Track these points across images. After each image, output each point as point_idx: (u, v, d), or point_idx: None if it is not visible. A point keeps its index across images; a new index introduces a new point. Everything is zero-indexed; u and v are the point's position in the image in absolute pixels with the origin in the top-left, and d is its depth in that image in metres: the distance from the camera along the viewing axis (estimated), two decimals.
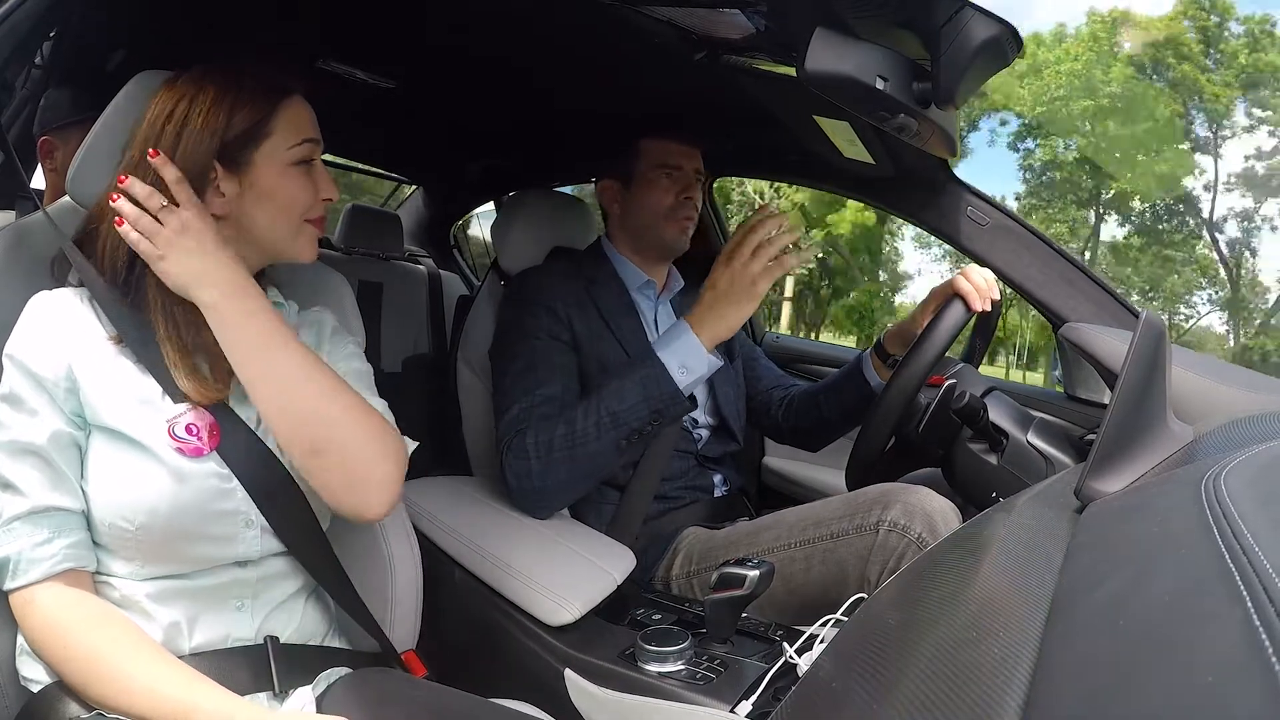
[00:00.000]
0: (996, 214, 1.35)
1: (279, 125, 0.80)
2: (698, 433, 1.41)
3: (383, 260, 2.32)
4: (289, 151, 0.81)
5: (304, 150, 0.82)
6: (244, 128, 0.79)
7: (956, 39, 0.77)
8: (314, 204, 0.84)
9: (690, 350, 1.10)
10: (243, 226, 0.81)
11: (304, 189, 0.82)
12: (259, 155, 0.80)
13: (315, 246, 0.87)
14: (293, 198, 0.82)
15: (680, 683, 0.90)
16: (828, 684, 0.50)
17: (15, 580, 0.69)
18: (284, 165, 0.81)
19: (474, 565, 1.10)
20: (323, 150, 0.85)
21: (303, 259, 0.86)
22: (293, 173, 0.82)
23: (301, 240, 0.84)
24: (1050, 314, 1.32)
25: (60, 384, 0.72)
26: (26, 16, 0.81)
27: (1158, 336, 0.75)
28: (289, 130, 0.81)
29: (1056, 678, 0.34)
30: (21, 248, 0.83)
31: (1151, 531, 0.46)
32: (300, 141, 0.82)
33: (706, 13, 1.01)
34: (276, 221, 0.82)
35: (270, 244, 0.83)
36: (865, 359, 1.41)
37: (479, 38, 1.30)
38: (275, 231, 0.82)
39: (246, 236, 0.82)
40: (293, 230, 0.83)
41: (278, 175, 0.81)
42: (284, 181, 0.81)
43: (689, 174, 1.38)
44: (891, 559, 1.07)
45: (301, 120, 0.82)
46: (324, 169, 0.86)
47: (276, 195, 0.81)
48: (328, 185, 0.85)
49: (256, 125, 0.79)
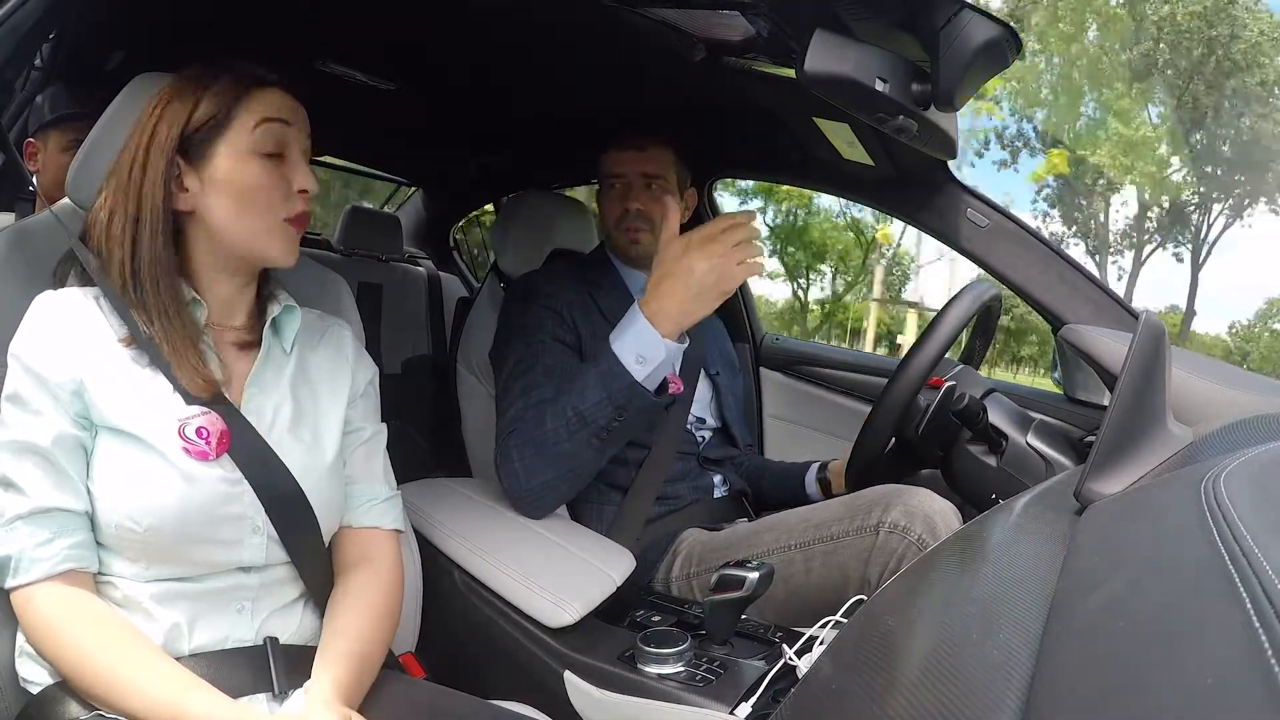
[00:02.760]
0: (996, 215, 1.35)
1: (242, 113, 0.77)
2: (701, 434, 1.41)
3: (382, 262, 2.33)
4: (249, 136, 0.77)
5: (265, 132, 0.77)
6: (205, 119, 0.77)
7: (956, 40, 0.77)
8: (287, 197, 0.79)
9: (644, 339, 1.05)
10: (209, 224, 0.79)
11: (267, 177, 0.78)
12: (221, 145, 0.77)
13: (292, 249, 0.82)
14: (252, 187, 0.77)
15: (680, 684, 0.90)
16: (827, 686, 0.50)
17: (16, 579, 0.69)
18: (243, 153, 0.77)
19: (473, 567, 1.10)
20: (308, 142, 0.82)
21: (279, 263, 0.82)
22: (253, 161, 0.77)
23: (274, 240, 0.80)
24: (1050, 315, 1.32)
25: (65, 385, 0.71)
26: (26, 16, 0.81)
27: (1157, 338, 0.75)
28: (251, 115, 0.77)
29: (1056, 679, 0.34)
30: (21, 249, 0.83)
31: (1151, 533, 0.46)
32: (260, 121, 0.77)
33: (706, 14, 1.01)
34: (240, 217, 0.78)
35: (239, 243, 0.79)
36: (810, 474, 1.45)
37: (479, 40, 1.30)
38: (239, 228, 0.78)
39: (215, 235, 0.79)
40: (261, 229, 0.79)
41: (236, 163, 0.77)
42: (242, 169, 0.77)
43: (632, 180, 1.35)
44: (891, 560, 1.07)
45: (266, 105, 0.78)
46: (302, 160, 0.81)
47: (233, 184, 0.77)
48: (303, 176, 0.80)
49: (218, 115, 0.77)
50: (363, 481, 0.89)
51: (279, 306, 0.85)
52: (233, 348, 0.82)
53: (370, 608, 0.83)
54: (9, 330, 0.74)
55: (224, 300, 0.82)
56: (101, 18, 1.28)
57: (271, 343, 0.84)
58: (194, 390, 0.75)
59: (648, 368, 1.06)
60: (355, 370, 0.90)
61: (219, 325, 0.82)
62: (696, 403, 1.39)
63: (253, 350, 0.83)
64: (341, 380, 0.89)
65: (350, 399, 0.89)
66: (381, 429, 0.93)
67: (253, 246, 0.80)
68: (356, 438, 0.89)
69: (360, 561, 0.86)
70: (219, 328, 0.82)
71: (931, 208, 1.40)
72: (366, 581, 0.85)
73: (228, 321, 0.83)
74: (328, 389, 0.87)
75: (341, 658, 0.77)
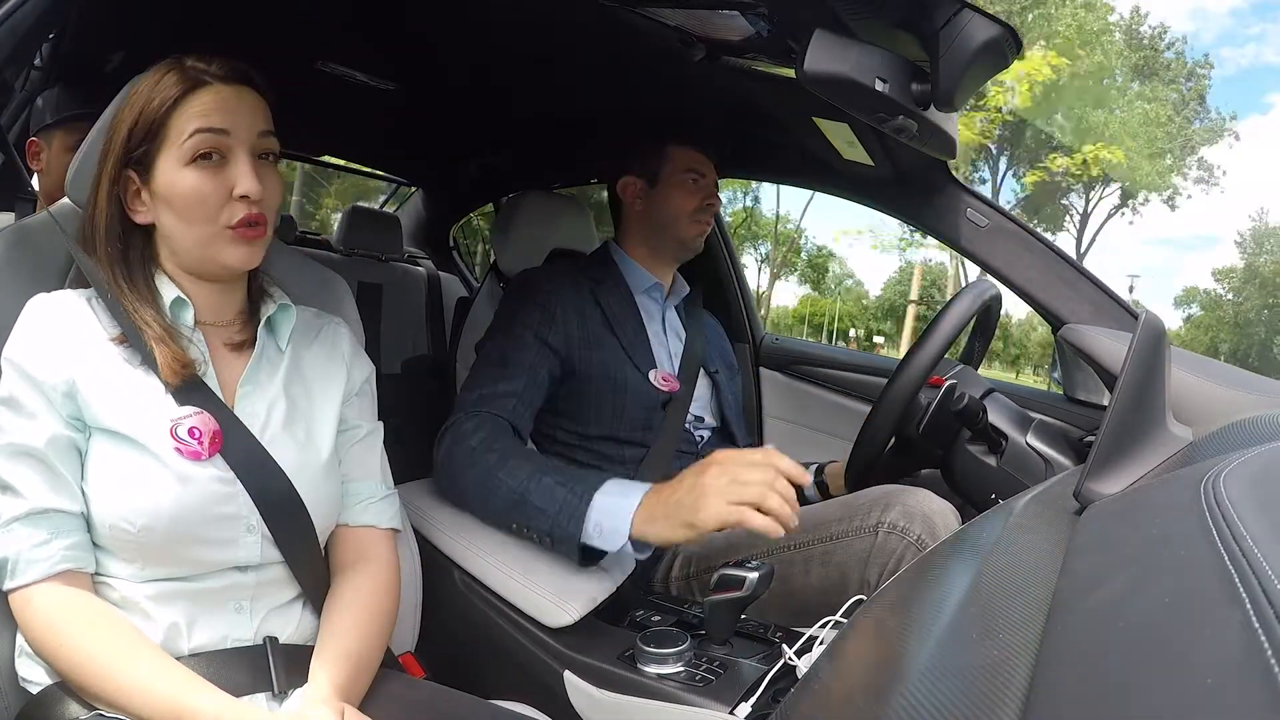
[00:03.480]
0: (995, 215, 1.35)
1: (175, 123, 0.75)
2: (700, 433, 1.41)
3: (382, 262, 2.33)
4: (182, 147, 0.74)
5: (196, 142, 0.74)
6: (144, 132, 0.75)
7: (955, 41, 0.77)
8: (225, 205, 0.75)
9: (618, 521, 0.96)
10: (165, 235, 0.78)
11: (204, 189, 0.74)
12: (160, 158, 0.75)
13: (249, 255, 0.78)
14: (190, 199, 0.74)
15: (679, 684, 0.90)
16: (827, 686, 0.50)
17: (14, 580, 0.69)
18: (179, 165, 0.75)
19: (473, 566, 1.10)
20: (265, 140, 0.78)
21: (239, 269, 0.79)
22: (189, 173, 0.74)
23: (225, 248, 0.77)
24: (1049, 315, 1.32)
25: (58, 388, 0.71)
26: (26, 16, 0.81)
27: (1157, 338, 0.75)
28: (184, 125, 0.74)
29: (1055, 680, 0.34)
30: (21, 249, 0.83)
31: (1150, 533, 0.46)
32: (191, 133, 0.74)
33: (705, 14, 1.01)
34: (187, 230, 0.76)
35: (194, 253, 0.77)
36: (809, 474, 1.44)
37: (479, 40, 1.31)
38: (187, 240, 0.76)
39: (172, 246, 0.78)
40: (207, 237, 0.76)
41: (173, 176, 0.75)
42: (179, 182, 0.74)
43: (711, 182, 1.42)
44: (891, 560, 1.07)
45: (198, 110, 0.74)
46: (246, 162, 0.76)
47: (173, 199, 0.75)
48: (244, 179, 0.75)
49: (153, 127, 0.75)
50: (359, 480, 0.89)
51: (274, 305, 0.85)
52: (226, 348, 0.82)
53: (366, 607, 0.82)
54: (8, 330, 0.74)
55: (209, 300, 0.82)
56: (101, 18, 1.28)
57: (266, 341, 0.84)
58: (169, 377, 0.74)
59: (596, 540, 0.98)
60: (351, 368, 0.90)
61: (210, 325, 0.82)
62: (696, 401, 1.40)
63: (247, 350, 0.83)
64: (337, 378, 0.88)
65: (345, 397, 0.89)
66: (378, 427, 0.93)
67: (206, 256, 0.78)
68: (352, 436, 0.89)
69: (356, 561, 0.86)
70: (210, 327, 0.82)
71: (931, 207, 1.40)
72: (363, 581, 0.85)
73: (219, 321, 0.83)
74: (322, 387, 0.87)
75: (338, 658, 0.77)
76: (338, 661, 0.76)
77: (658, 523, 0.94)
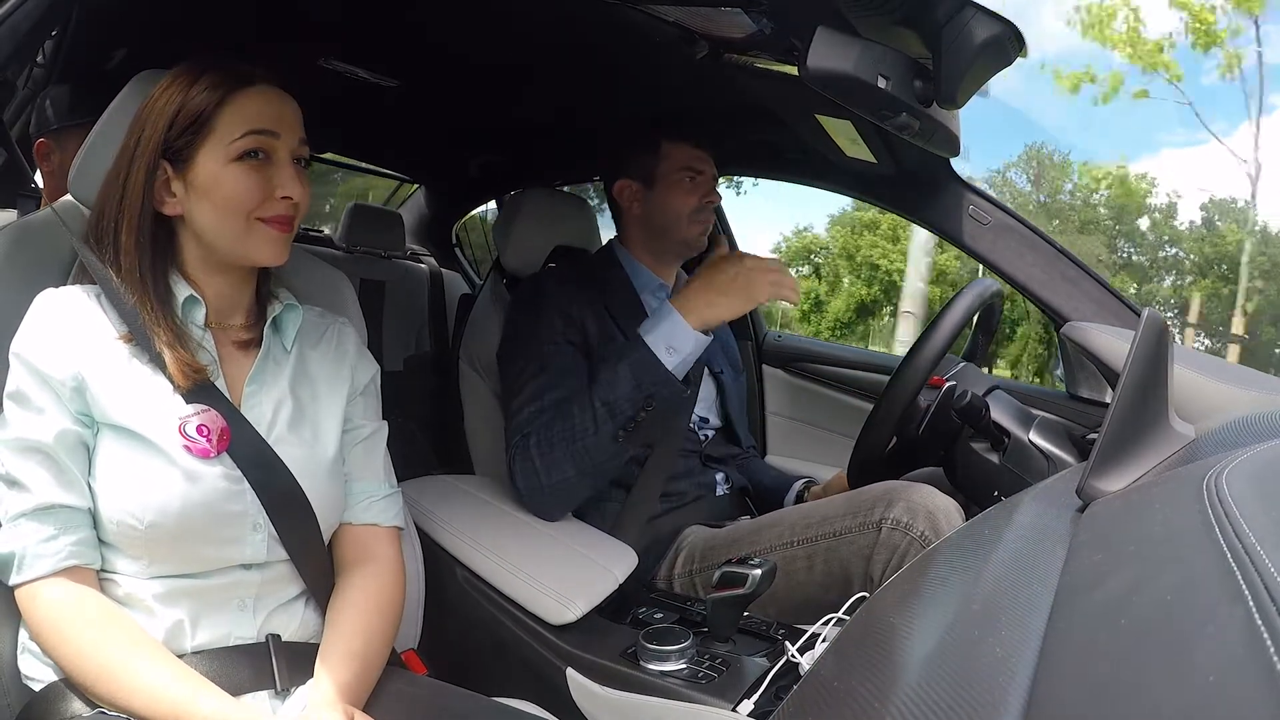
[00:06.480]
0: (998, 213, 1.35)
1: (224, 118, 0.76)
2: (704, 432, 1.41)
3: (385, 259, 2.33)
4: (230, 145, 0.76)
5: (246, 143, 0.77)
6: (187, 124, 0.76)
7: (958, 38, 0.77)
8: (265, 202, 0.78)
9: (676, 331, 1.11)
10: (195, 228, 0.79)
11: (248, 185, 0.77)
12: (203, 151, 0.76)
13: (279, 249, 0.80)
14: (232, 196, 0.77)
15: (682, 681, 0.90)
16: (830, 683, 0.50)
17: (20, 575, 0.70)
18: (225, 161, 0.76)
19: (476, 564, 1.10)
20: (302, 145, 0.81)
21: (268, 264, 0.81)
22: (234, 169, 0.77)
23: (254, 241, 0.79)
24: (1052, 313, 1.32)
25: (66, 383, 0.72)
26: (26, 16, 0.81)
27: (1159, 335, 0.75)
28: (234, 122, 0.76)
29: (1058, 676, 0.34)
30: (24, 246, 0.83)
31: (1153, 530, 0.46)
32: (243, 134, 0.76)
33: (708, 12, 1.01)
34: (221, 223, 0.77)
35: (224, 247, 0.79)
36: (794, 489, 1.47)
37: (481, 37, 1.30)
38: (222, 233, 0.78)
39: (202, 239, 0.79)
40: (240, 231, 0.78)
41: (217, 171, 0.76)
42: (223, 178, 0.76)
43: (709, 178, 1.40)
44: (894, 557, 1.07)
45: (250, 111, 0.77)
46: (290, 166, 0.79)
47: (213, 193, 0.77)
48: (289, 183, 0.78)
49: (199, 120, 0.76)
50: (362, 479, 0.89)
51: (280, 305, 0.85)
52: (233, 347, 0.83)
53: (371, 606, 0.83)
54: (13, 327, 0.74)
55: (222, 298, 0.82)
56: (103, 16, 1.28)
57: (272, 341, 0.84)
58: (180, 380, 0.74)
59: (677, 357, 1.11)
60: (356, 368, 0.91)
61: (219, 325, 0.82)
62: (701, 402, 1.40)
63: (253, 349, 0.83)
64: (342, 378, 0.89)
65: (350, 397, 0.89)
66: (382, 426, 0.93)
67: (237, 250, 0.79)
68: (356, 435, 0.89)
69: (360, 559, 0.86)
70: (220, 327, 0.82)
71: (934, 205, 1.40)
72: (367, 580, 0.85)
73: (228, 320, 0.83)
74: (328, 387, 0.87)
75: (344, 658, 0.77)
76: (344, 662, 0.77)
77: (716, 306, 1.11)
